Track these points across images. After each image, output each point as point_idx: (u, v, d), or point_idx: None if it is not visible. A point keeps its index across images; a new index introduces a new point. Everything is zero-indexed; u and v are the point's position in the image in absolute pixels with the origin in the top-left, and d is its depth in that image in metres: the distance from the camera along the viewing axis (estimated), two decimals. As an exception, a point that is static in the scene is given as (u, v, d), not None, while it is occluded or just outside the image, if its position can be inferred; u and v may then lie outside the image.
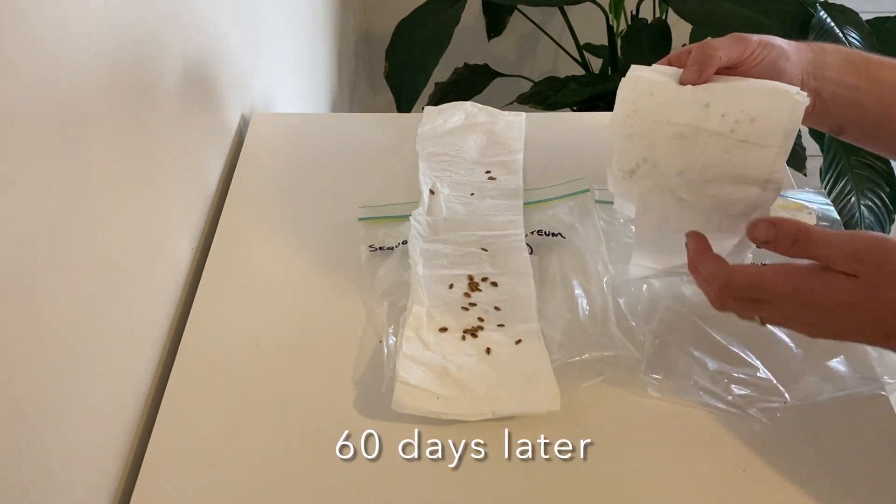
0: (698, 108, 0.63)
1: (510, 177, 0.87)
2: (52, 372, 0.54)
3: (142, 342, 0.70)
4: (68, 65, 0.55)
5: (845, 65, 0.69)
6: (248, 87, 1.02)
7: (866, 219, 1.37)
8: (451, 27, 1.57)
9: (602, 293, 0.74)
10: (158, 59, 0.72)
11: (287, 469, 0.63)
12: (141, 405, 0.68)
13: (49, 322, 0.53)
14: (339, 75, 1.73)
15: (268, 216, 0.85)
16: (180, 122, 0.78)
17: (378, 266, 0.77)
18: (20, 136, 0.49)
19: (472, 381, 0.66)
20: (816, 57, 0.69)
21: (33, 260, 0.51)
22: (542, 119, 1.00)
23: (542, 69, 2.14)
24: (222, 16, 0.91)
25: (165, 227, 0.75)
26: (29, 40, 0.50)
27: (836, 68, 0.69)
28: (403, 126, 0.97)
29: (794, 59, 0.68)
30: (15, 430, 0.49)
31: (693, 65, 0.66)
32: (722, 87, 0.64)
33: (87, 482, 0.59)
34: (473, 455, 0.63)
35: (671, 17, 1.57)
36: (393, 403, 0.64)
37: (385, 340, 0.70)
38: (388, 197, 0.86)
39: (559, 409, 0.64)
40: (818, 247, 0.56)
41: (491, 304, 0.73)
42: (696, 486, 0.62)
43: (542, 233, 0.81)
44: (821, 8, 1.39)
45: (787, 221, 0.58)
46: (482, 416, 0.64)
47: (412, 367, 0.66)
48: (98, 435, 0.61)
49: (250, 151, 0.94)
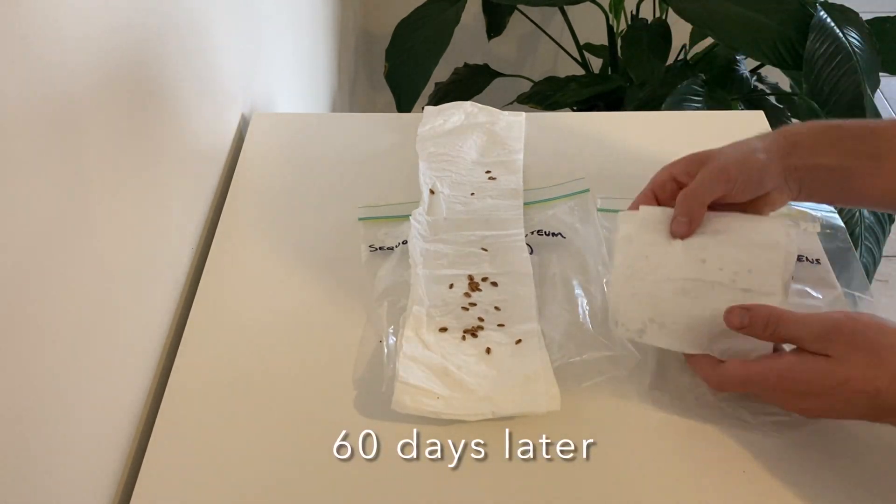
0: (695, 263, 0.65)
1: (510, 177, 0.87)
2: (53, 372, 0.54)
3: (142, 342, 0.70)
4: (67, 65, 0.55)
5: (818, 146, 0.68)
6: (248, 87, 1.02)
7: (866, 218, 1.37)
8: (451, 27, 1.57)
9: (602, 293, 0.74)
10: (158, 60, 0.72)
11: (287, 469, 0.63)
12: (141, 405, 0.68)
13: (49, 323, 0.53)
14: (339, 75, 1.73)
15: (268, 216, 0.85)
16: (180, 123, 0.78)
17: (378, 266, 0.77)
18: (20, 136, 0.49)
19: (472, 381, 0.66)
20: (789, 145, 0.68)
21: (33, 260, 0.51)
22: (542, 119, 1.00)
23: (542, 69, 2.13)
24: (222, 16, 0.91)
25: (165, 227, 0.75)
26: (26, 42, 0.50)
27: (811, 149, 0.68)
28: (403, 126, 0.97)
29: (773, 167, 0.67)
30: (15, 430, 0.49)
31: (681, 216, 0.66)
32: (714, 244, 0.66)
33: (87, 482, 0.59)
34: (473, 455, 0.63)
35: (671, 17, 1.57)
36: (393, 403, 0.64)
37: (385, 340, 0.70)
38: (388, 197, 0.86)
39: (559, 408, 0.64)
40: (790, 329, 0.59)
41: (491, 303, 0.73)
42: (697, 486, 0.62)
43: (543, 233, 0.81)
44: (821, 8, 1.39)
45: (759, 307, 0.61)
46: (482, 416, 0.64)
47: (412, 367, 0.66)
48: (98, 435, 0.61)
49: (250, 151, 0.94)
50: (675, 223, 0.67)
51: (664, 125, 1.00)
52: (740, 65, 1.68)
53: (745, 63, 1.69)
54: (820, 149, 0.68)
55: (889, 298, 1.96)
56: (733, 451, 0.63)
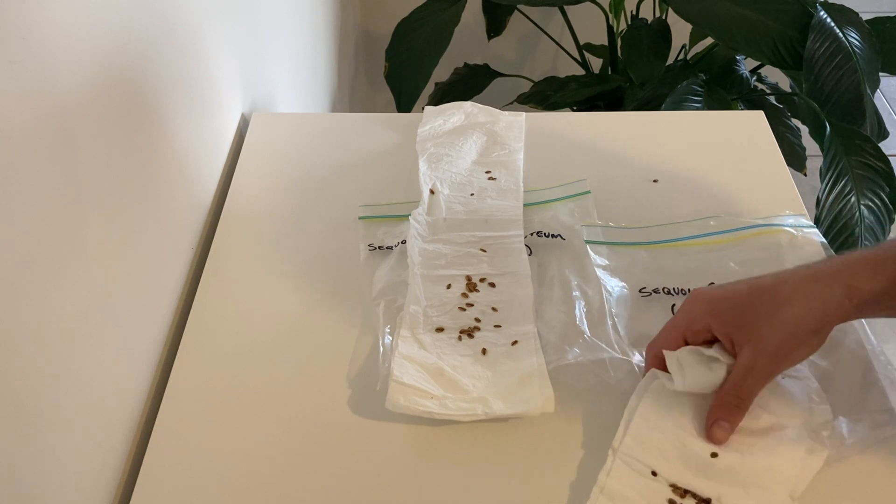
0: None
1: (510, 177, 0.87)
2: (53, 373, 0.54)
3: (142, 342, 0.70)
4: (67, 66, 0.55)
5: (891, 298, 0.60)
6: (248, 87, 1.02)
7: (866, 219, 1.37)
8: (451, 27, 1.57)
9: (600, 296, 0.73)
10: (158, 60, 0.72)
11: (285, 468, 0.63)
12: (141, 405, 0.68)
13: (50, 323, 0.53)
14: (339, 75, 1.73)
15: (268, 216, 0.85)
16: (180, 123, 0.78)
17: (377, 265, 0.77)
18: (20, 138, 0.49)
19: (466, 381, 0.66)
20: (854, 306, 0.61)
21: (33, 260, 0.51)
22: (542, 119, 1.00)
23: (542, 69, 2.13)
24: (222, 16, 0.91)
25: (166, 227, 0.75)
26: (26, 43, 0.50)
27: (883, 303, 0.61)
28: (403, 126, 0.97)
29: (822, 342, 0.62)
30: (16, 430, 0.49)
31: (725, 422, 0.62)
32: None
33: (87, 482, 0.59)
34: (466, 455, 0.63)
35: (671, 17, 1.57)
36: (387, 402, 0.64)
37: (381, 339, 0.70)
38: (388, 197, 0.86)
39: (553, 410, 0.64)
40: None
41: (488, 304, 0.73)
42: None
43: (542, 234, 0.80)
44: (821, 8, 1.39)
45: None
46: (475, 416, 0.64)
47: (407, 367, 0.66)
48: (98, 435, 0.61)
49: (250, 151, 0.94)
50: (716, 428, 0.62)
51: (664, 125, 1.00)
52: (740, 65, 1.68)
53: (745, 63, 1.69)
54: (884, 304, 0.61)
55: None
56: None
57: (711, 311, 0.64)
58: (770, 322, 0.60)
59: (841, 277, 0.60)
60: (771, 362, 0.61)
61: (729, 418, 0.62)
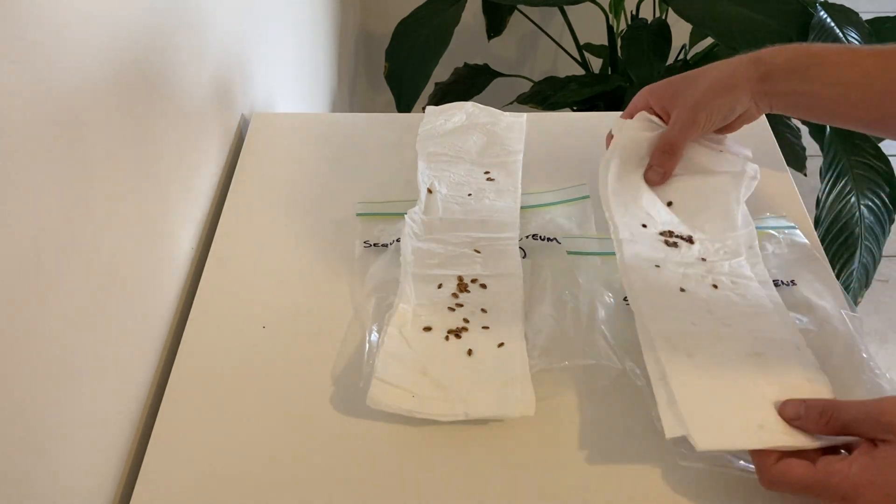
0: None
1: (508, 179, 0.87)
2: (53, 372, 0.54)
3: (142, 342, 0.70)
4: (68, 66, 0.55)
5: (792, 75, 0.74)
6: (248, 87, 1.02)
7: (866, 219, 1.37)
8: (451, 27, 1.57)
9: (591, 301, 0.73)
10: (158, 60, 0.72)
11: (283, 468, 0.63)
12: (141, 405, 0.68)
13: (50, 323, 0.53)
14: (339, 75, 1.73)
15: (268, 216, 0.85)
16: (180, 122, 0.78)
17: (371, 262, 0.78)
18: (21, 137, 0.49)
19: (449, 381, 0.66)
20: (759, 74, 0.74)
21: (34, 260, 0.51)
22: (542, 119, 1.00)
23: (542, 69, 2.14)
24: (222, 16, 0.91)
25: (166, 227, 0.75)
26: (27, 42, 0.50)
27: (784, 79, 0.74)
28: (403, 126, 0.97)
29: (743, 98, 0.75)
30: (16, 430, 0.49)
31: (658, 167, 0.78)
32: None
33: (87, 482, 0.59)
34: (445, 456, 0.63)
35: (671, 17, 1.57)
36: (368, 399, 0.64)
37: (368, 336, 0.70)
38: (387, 196, 0.86)
39: (533, 414, 0.64)
40: (849, 412, 0.56)
41: (478, 305, 0.73)
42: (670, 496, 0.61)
43: (538, 237, 0.80)
44: (821, 8, 1.39)
45: (815, 400, 0.59)
46: (455, 416, 0.64)
47: (391, 364, 0.66)
48: (98, 435, 0.61)
49: (250, 151, 0.94)
50: (651, 172, 0.78)
51: (664, 125, 0.99)
52: (740, 65, 1.67)
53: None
54: (795, 79, 0.73)
55: (889, 298, 1.96)
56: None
57: (650, 92, 0.80)
58: (692, 86, 0.77)
59: (751, 54, 0.75)
60: (692, 112, 0.76)
61: (662, 164, 0.78)
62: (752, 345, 0.65)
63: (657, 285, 0.70)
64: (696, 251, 0.74)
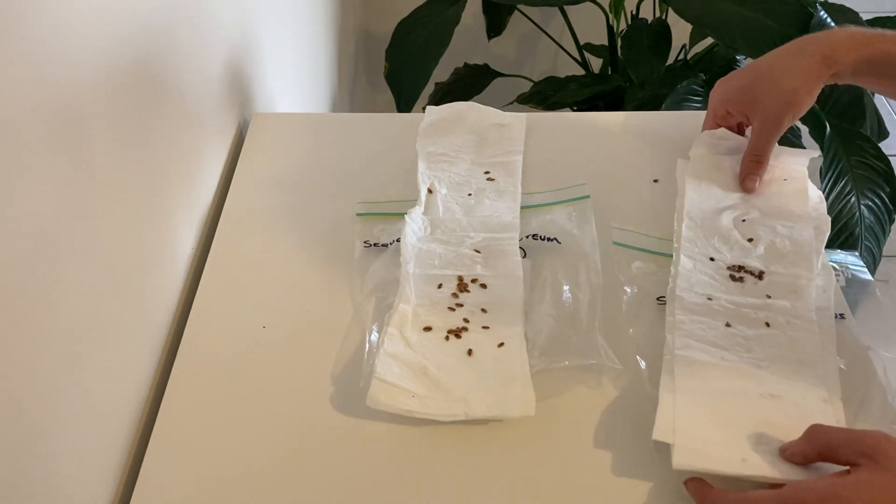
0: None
1: (509, 179, 0.87)
2: (53, 372, 0.54)
3: (142, 342, 0.70)
4: (69, 65, 0.55)
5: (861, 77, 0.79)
6: (249, 87, 1.02)
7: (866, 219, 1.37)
8: (451, 27, 1.57)
9: (591, 301, 0.73)
10: (158, 60, 0.72)
11: (283, 468, 0.63)
12: (141, 405, 0.68)
13: (50, 322, 0.53)
14: (339, 75, 1.73)
15: (268, 216, 0.85)
16: (181, 123, 0.78)
17: (370, 262, 0.78)
18: (22, 137, 0.49)
19: (449, 381, 0.66)
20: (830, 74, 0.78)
21: (34, 260, 0.51)
22: (542, 119, 1.00)
23: (542, 69, 2.14)
24: (222, 16, 0.91)
25: (166, 227, 0.75)
26: (28, 41, 0.50)
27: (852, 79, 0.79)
28: (403, 126, 0.96)
29: (814, 98, 0.79)
30: (16, 430, 0.49)
31: (753, 174, 0.83)
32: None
33: (87, 482, 0.59)
34: (445, 456, 0.63)
35: (671, 17, 1.57)
36: (367, 399, 0.64)
37: (368, 336, 0.70)
38: (387, 196, 0.86)
39: (533, 414, 0.64)
40: (830, 435, 0.58)
41: (478, 305, 0.73)
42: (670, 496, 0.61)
43: (538, 237, 0.80)
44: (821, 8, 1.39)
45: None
46: (455, 416, 0.64)
47: (391, 364, 0.66)
48: (99, 435, 0.61)
49: (250, 151, 0.94)
50: (748, 181, 0.83)
51: (664, 125, 0.99)
52: (740, 64, 1.68)
53: (745, 63, 1.69)
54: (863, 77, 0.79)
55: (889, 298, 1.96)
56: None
57: (724, 99, 0.86)
58: (770, 95, 0.81)
59: (822, 50, 0.78)
60: (775, 124, 0.81)
61: (754, 171, 0.83)
62: (773, 387, 0.65)
63: (701, 316, 0.70)
64: (763, 287, 0.73)
